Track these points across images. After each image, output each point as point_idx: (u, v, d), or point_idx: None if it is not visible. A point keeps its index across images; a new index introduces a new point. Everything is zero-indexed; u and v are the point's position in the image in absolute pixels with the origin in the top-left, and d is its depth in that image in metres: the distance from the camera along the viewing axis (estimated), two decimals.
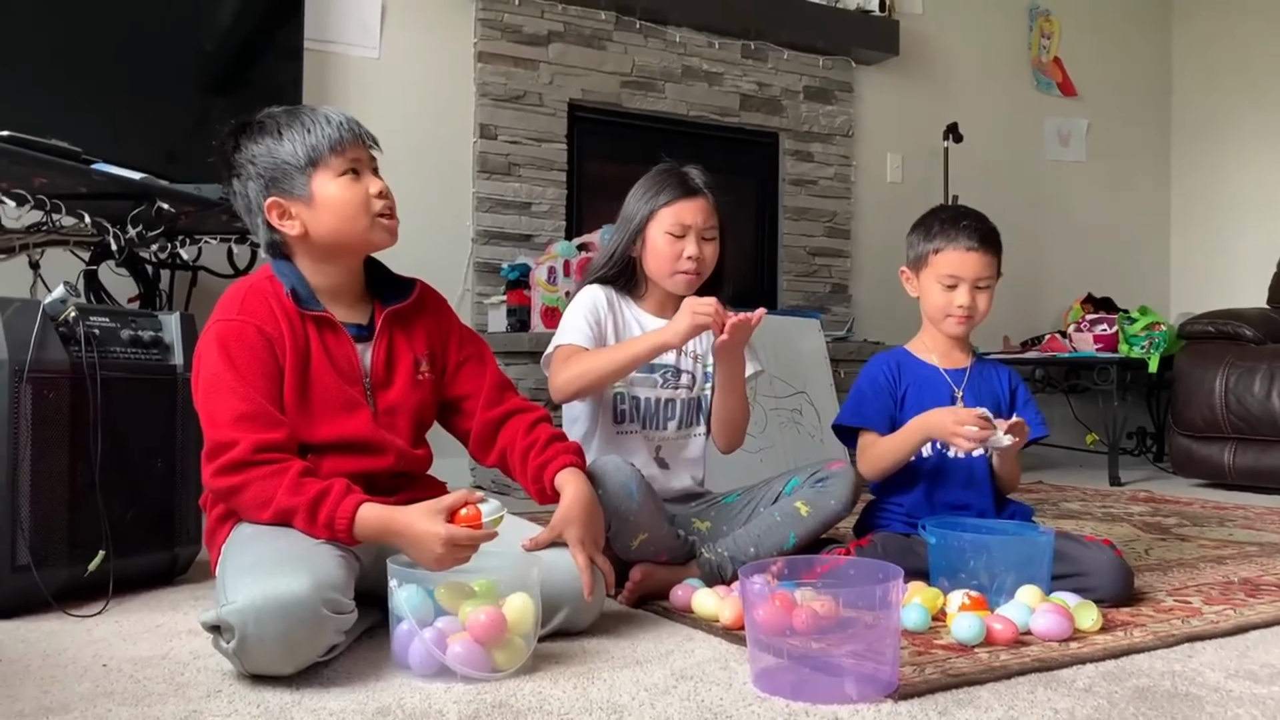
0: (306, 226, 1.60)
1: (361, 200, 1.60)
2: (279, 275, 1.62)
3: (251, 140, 1.61)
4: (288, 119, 1.60)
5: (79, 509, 1.74)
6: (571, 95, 3.89)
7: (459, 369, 1.74)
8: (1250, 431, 3.66)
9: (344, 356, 1.61)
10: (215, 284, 3.06)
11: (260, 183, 1.60)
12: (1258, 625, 1.68)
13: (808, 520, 1.90)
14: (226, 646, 1.31)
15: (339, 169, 1.59)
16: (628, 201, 2.06)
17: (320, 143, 1.58)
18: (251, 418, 1.48)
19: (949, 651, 1.50)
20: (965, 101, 4.77)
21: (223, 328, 1.55)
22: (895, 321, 4.44)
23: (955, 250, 1.98)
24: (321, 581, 1.33)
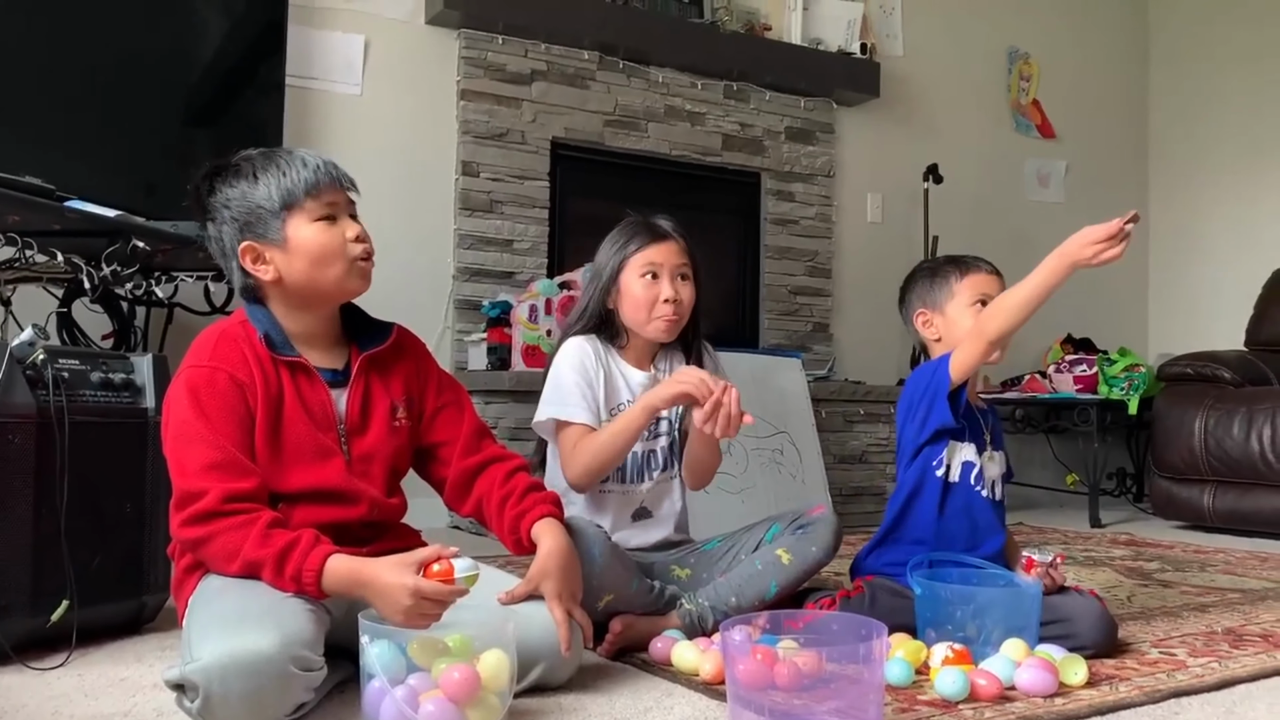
0: (280, 272, 1.57)
1: (337, 245, 1.57)
2: (252, 320, 1.58)
3: (226, 184, 1.58)
4: (263, 162, 1.57)
5: (43, 557, 1.69)
6: (554, 133, 3.89)
7: (436, 415, 1.71)
8: (1230, 474, 3.67)
9: (318, 402, 1.58)
10: (191, 321, 3.02)
11: (234, 226, 1.56)
12: (1243, 679, 1.67)
13: (789, 568, 1.88)
14: (190, 706, 1.27)
15: (314, 214, 1.56)
16: (598, 255, 2.05)
17: (295, 186, 1.55)
18: (221, 466, 1.44)
19: (933, 708, 1.48)
20: (945, 143, 4.80)
21: (193, 375, 1.52)
22: (876, 361, 4.45)
23: (981, 273, 2.01)
24: (290, 638, 1.29)
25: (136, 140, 2.85)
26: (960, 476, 1.95)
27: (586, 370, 1.97)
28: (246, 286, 1.61)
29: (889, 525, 2.00)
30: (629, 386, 2.02)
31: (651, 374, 2.06)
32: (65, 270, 2.30)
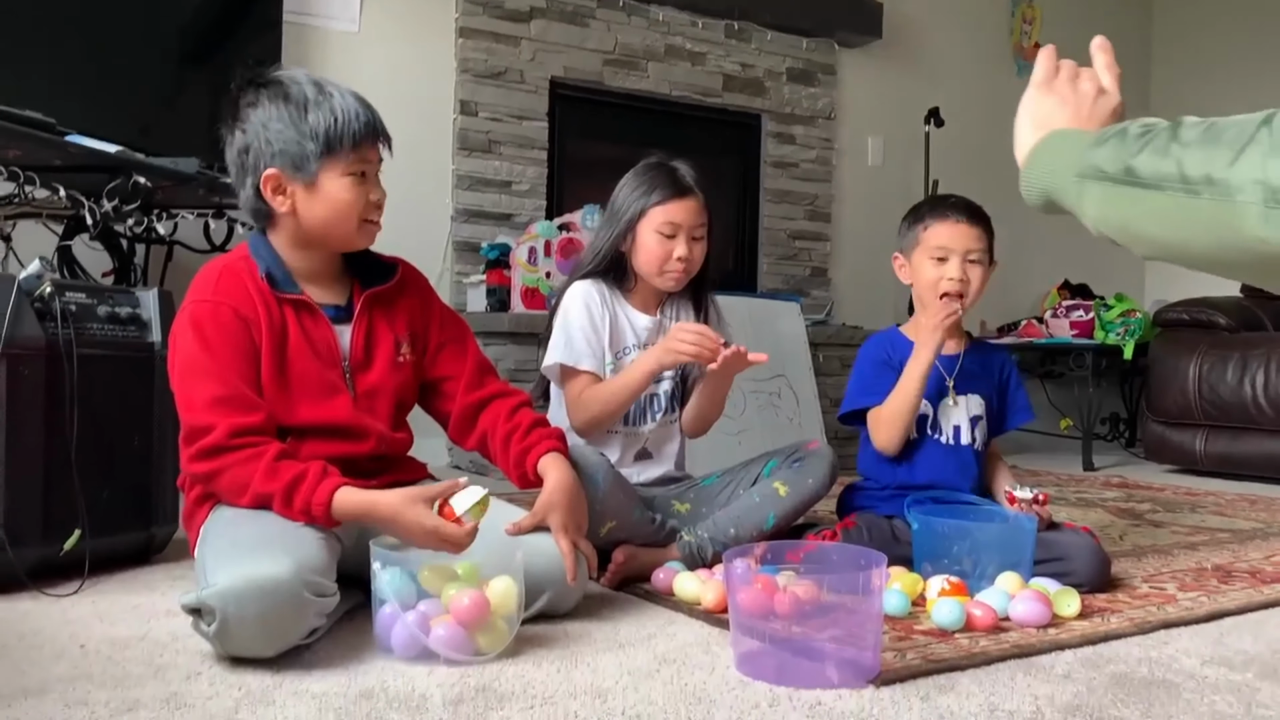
0: (298, 209, 1.56)
1: (360, 204, 1.57)
2: (255, 256, 1.59)
3: (273, 101, 1.54)
4: (316, 95, 1.53)
5: (54, 487, 1.72)
6: (553, 73, 3.85)
7: (440, 351, 1.72)
8: (1222, 419, 3.71)
9: (322, 339, 1.59)
10: (191, 259, 3.02)
11: (268, 149, 1.53)
12: (1231, 612, 1.70)
13: (786, 500, 1.91)
14: (206, 629, 1.30)
15: (350, 167, 1.55)
16: (617, 196, 2.04)
17: (344, 134, 1.53)
18: (227, 401, 1.46)
19: (929, 637, 1.51)
20: (947, 86, 4.77)
21: (197, 309, 1.52)
22: (874, 306, 4.46)
23: (945, 224, 1.99)
24: (303, 564, 1.32)
25: (131, 79, 2.82)
26: (916, 429, 2.00)
27: (593, 316, 1.98)
28: (257, 210, 1.60)
29: (865, 466, 2.09)
30: (634, 330, 2.04)
31: (658, 319, 2.07)
32: (66, 206, 2.30)
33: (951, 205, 2.02)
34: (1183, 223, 0.80)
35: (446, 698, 1.22)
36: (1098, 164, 0.88)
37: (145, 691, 1.22)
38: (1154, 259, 0.90)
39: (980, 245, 2.00)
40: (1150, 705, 1.25)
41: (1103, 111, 1.05)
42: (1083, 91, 1.06)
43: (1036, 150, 1.01)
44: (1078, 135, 0.96)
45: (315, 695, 1.21)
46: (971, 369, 2.07)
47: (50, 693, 1.21)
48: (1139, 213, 0.84)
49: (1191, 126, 0.81)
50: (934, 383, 2.02)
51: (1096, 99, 1.05)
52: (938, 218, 2.01)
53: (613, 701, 1.22)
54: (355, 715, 1.15)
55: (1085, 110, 1.04)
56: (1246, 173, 0.74)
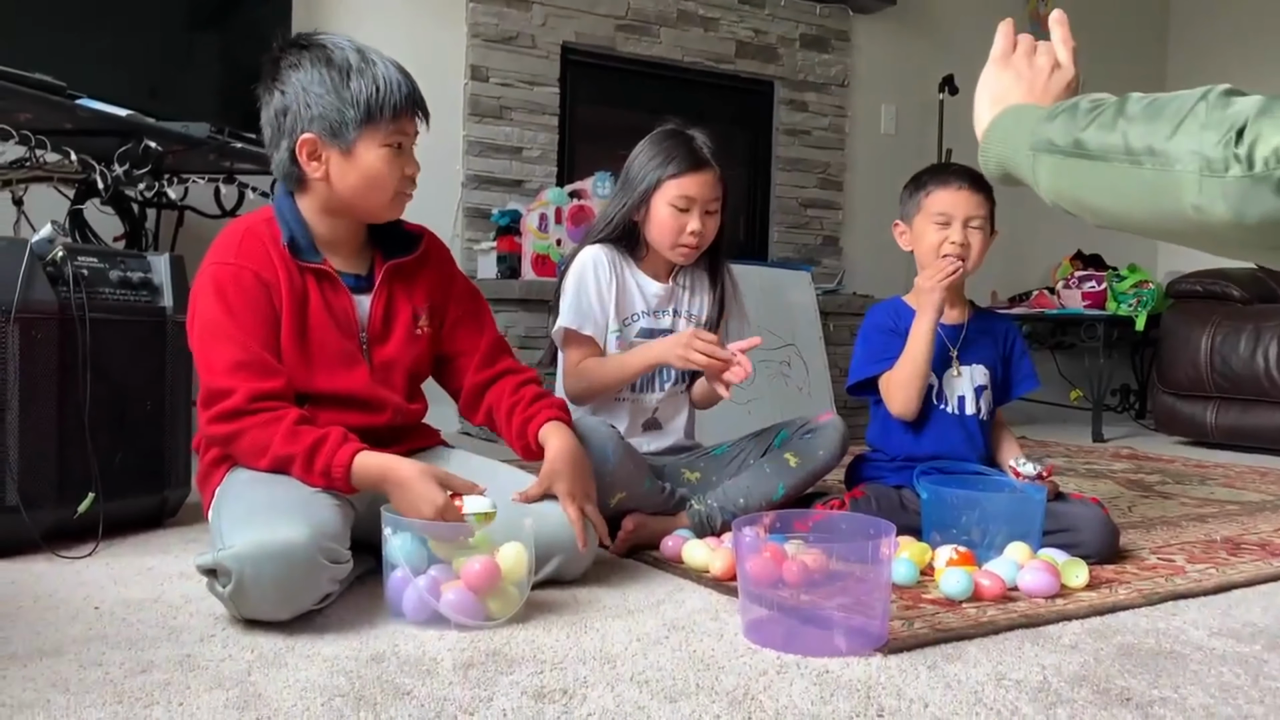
0: (331, 176, 1.55)
1: (394, 176, 1.56)
2: (279, 220, 1.58)
3: (315, 65, 1.52)
4: (359, 62, 1.52)
5: (67, 450, 1.73)
6: (565, 38, 3.82)
7: (456, 326, 1.72)
8: (1234, 391, 3.70)
9: (341, 309, 1.59)
10: (202, 224, 3.02)
11: (306, 113, 1.52)
12: (1240, 584, 1.71)
13: (796, 471, 1.92)
14: (221, 591, 1.31)
15: (388, 138, 1.53)
16: (632, 164, 2.01)
17: (385, 104, 1.51)
18: (247, 365, 1.46)
19: (937, 606, 1.52)
20: (962, 53, 4.70)
21: (219, 271, 1.52)
22: (885, 275, 4.44)
23: (946, 190, 1.98)
24: (319, 530, 1.33)
25: (141, 42, 2.81)
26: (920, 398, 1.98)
27: (600, 281, 1.98)
28: (289, 174, 1.58)
29: (874, 438, 2.08)
30: (644, 297, 2.03)
31: (670, 286, 2.06)
32: (77, 170, 2.30)
33: (954, 172, 2.01)
34: (1127, 192, 0.84)
35: (457, 662, 1.23)
36: (1049, 137, 0.92)
37: (159, 653, 1.23)
38: (1105, 227, 0.93)
39: (981, 212, 1.98)
40: (1158, 676, 1.25)
41: (1057, 86, 1.08)
42: (1038, 67, 1.09)
43: (993, 125, 1.05)
44: (1031, 110, 0.99)
45: (327, 658, 1.23)
46: (976, 338, 2.07)
47: (66, 653, 1.22)
48: (1088, 183, 0.88)
49: (1137, 101, 0.85)
50: (938, 353, 2.01)
51: (1051, 74, 1.09)
52: (939, 184, 2.00)
53: (621, 667, 1.23)
54: (366, 678, 1.16)
55: (1040, 85, 1.08)
56: (1184, 144, 0.78)
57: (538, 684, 1.16)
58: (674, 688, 1.16)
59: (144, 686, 1.12)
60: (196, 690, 1.11)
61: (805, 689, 1.17)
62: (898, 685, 1.19)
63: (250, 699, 1.09)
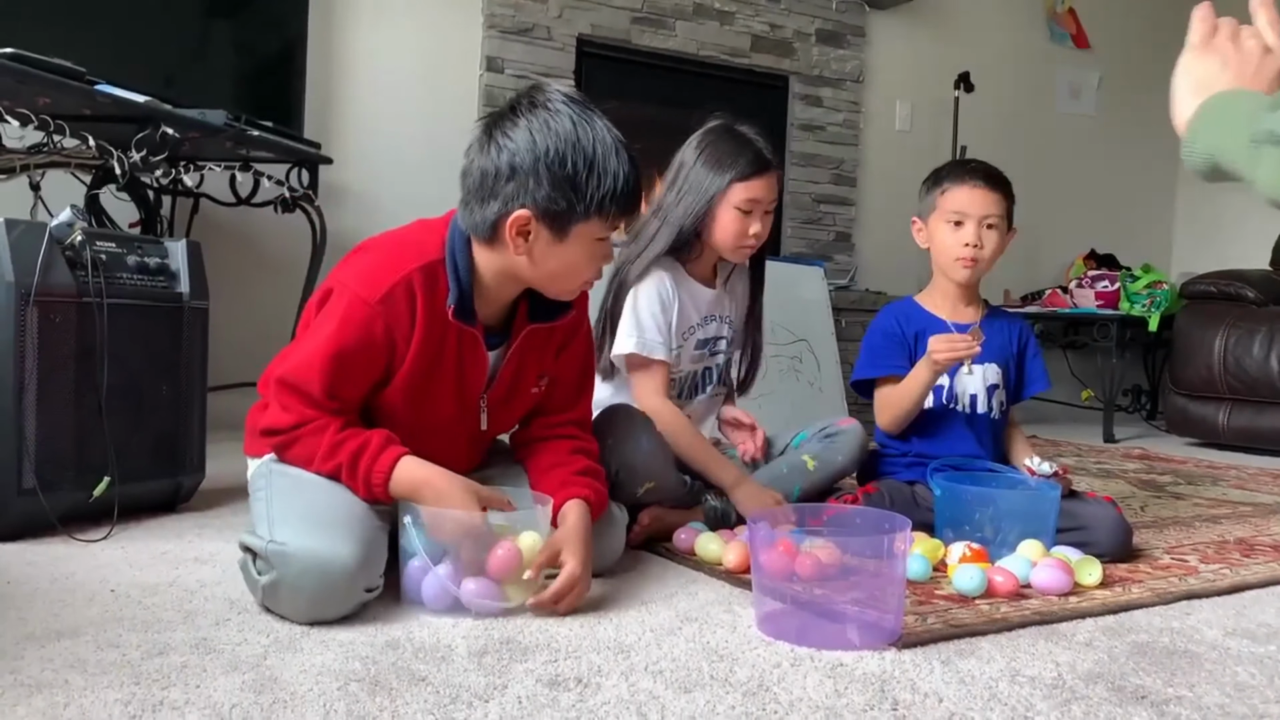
0: (531, 257, 1.42)
1: (588, 272, 1.48)
2: (451, 275, 1.44)
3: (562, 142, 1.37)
4: (604, 152, 1.38)
5: (84, 434, 1.74)
6: (580, 30, 3.82)
7: (557, 391, 1.65)
8: (1247, 392, 3.68)
9: (474, 366, 1.50)
10: (217, 211, 3.03)
11: (536, 190, 1.38)
12: (1254, 585, 1.70)
13: (814, 474, 1.92)
14: (257, 577, 1.32)
15: (598, 233, 1.43)
16: (690, 168, 1.93)
17: (614, 204, 1.40)
18: (315, 400, 1.40)
19: (950, 602, 1.52)
20: (977, 50, 4.70)
21: (355, 306, 1.40)
22: (898, 272, 4.43)
23: (962, 188, 1.97)
24: (368, 558, 1.32)
25: (159, 30, 2.82)
26: (933, 398, 1.99)
27: (665, 306, 1.92)
28: (485, 233, 1.44)
29: (881, 436, 2.08)
30: (696, 307, 1.99)
31: (718, 292, 2.03)
32: (94, 156, 2.30)
33: (970, 169, 2.00)
34: None
35: (471, 649, 1.23)
36: (1273, 128, 0.84)
37: (175, 635, 1.24)
38: None
39: (998, 210, 1.97)
40: (1173, 674, 1.25)
41: (1270, 71, 0.98)
42: (1247, 50, 0.99)
43: (1201, 114, 0.95)
44: (1248, 97, 0.91)
45: (342, 643, 1.23)
46: (989, 337, 2.04)
47: (83, 634, 1.23)
48: None
49: None
50: None
51: (1263, 58, 0.98)
52: (956, 181, 1.98)
53: (635, 657, 1.23)
54: (381, 664, 1.17)
55: (1250, 70, 0.98)
56: None
57: (552, 672, 1.17)
58: (688, 678, 1.17)
59: (160, 668, 1.13)
60: (213, 673, 1.12)
61: (819, 681, 1.17)
62: (912, 679, 1.19)
63: (266, 682, 1.10)
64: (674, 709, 1.07)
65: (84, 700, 1.03)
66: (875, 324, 2.10)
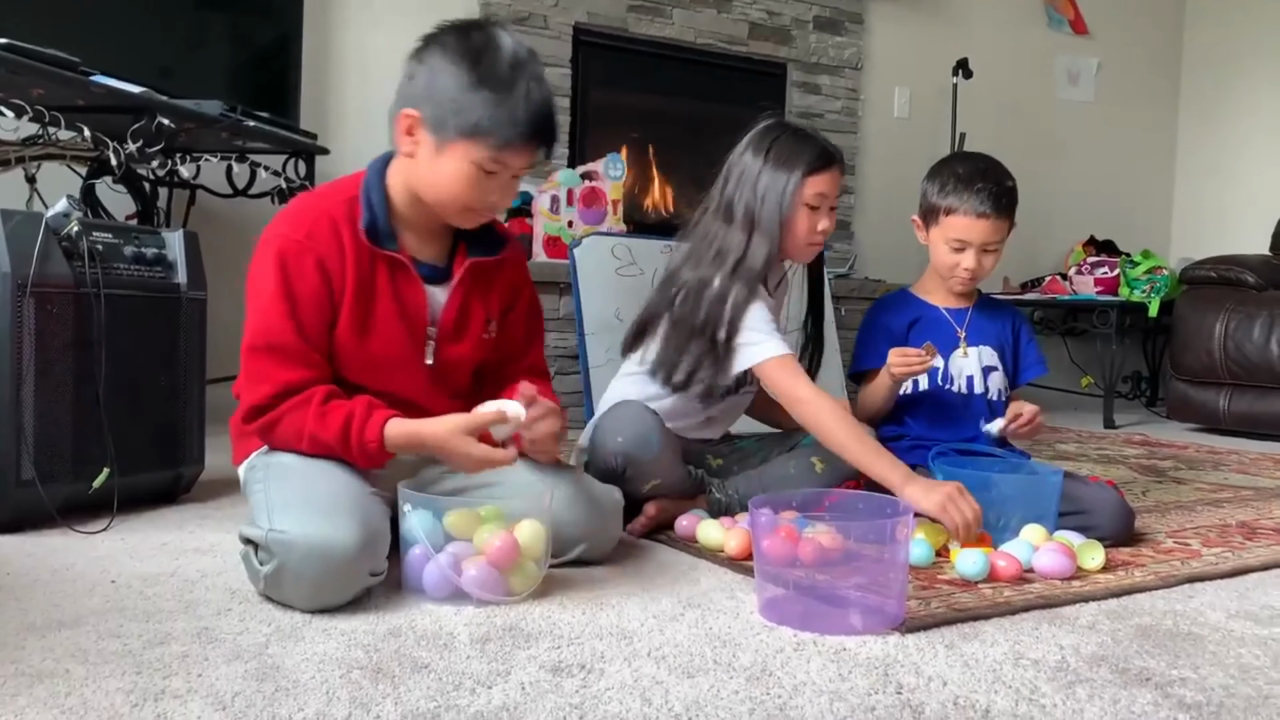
0: (417, 158, 1.47)
1: (469, 195, 1.47)
2: (364, 199, 1.50)
3: (462, 56, 1.42)
4: (493, 79, 1.40)
5: (83, 426, 1.73)
6: (577, 18, 3.80)
7: (509, 337, 1.66)
8: (1247, 378, 3.68)
9: (413, 301, 1.52)
10: (214, 203, 3.02)
11: (423, 92, 1.44)
12: (1256, 568, 1.70)
13: (821, 477, 1.89)
14: (258, 567, 1.31)
15: (482, 162, 1.43)
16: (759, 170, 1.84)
17: (494, 130, 1.40)
18: (287, 352, 1.42)
19: (953, 587, 1.51)
20: (976, 37, 4.68)
21: (285, 245, 1.45)
22: (898, 259, 4.42)
23: (966, 216, 1.93)
24: (370, 539, 1.32)
25: (153, 20, 2.80)
26: (928, 380, 2.00)
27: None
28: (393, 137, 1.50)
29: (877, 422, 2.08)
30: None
31: (775, 300, 1.98)
32: (89, 148, 2.29)
33: (977, 192, 1.92)
34: None
35: (474, 636, 1.23)
36: None
37: (177, 625, 1.23)
38: None
39: (999, 236, 1.95)
40: (1176, 656, 1.25)
41: None
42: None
43: None
44: None
45: (344, 632, 1.23)
46: (981, 323, 2.07)
47: (84, 625, 1.22)
48: None
49: None
50: (947, 335, 2.04)
51: None
52: (961, 205, 1.93)
53: (638, 643, 1.22)
54: (384, 652, 1.16)
55: None
56: None
57: (555, 658, 1.16)
58: (691, 664, 1.16)
59: (162, 658, 1.12)
60: (215, 662, 1.12)
61: (823, 666, 1.17)
62: (915, 663, 1.19)
63: (269, 671, 1.09)
64: (677, 694, 1.07)
65: (85, 690, 1.03)
66: (867, 315, 2.11)
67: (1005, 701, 1.08)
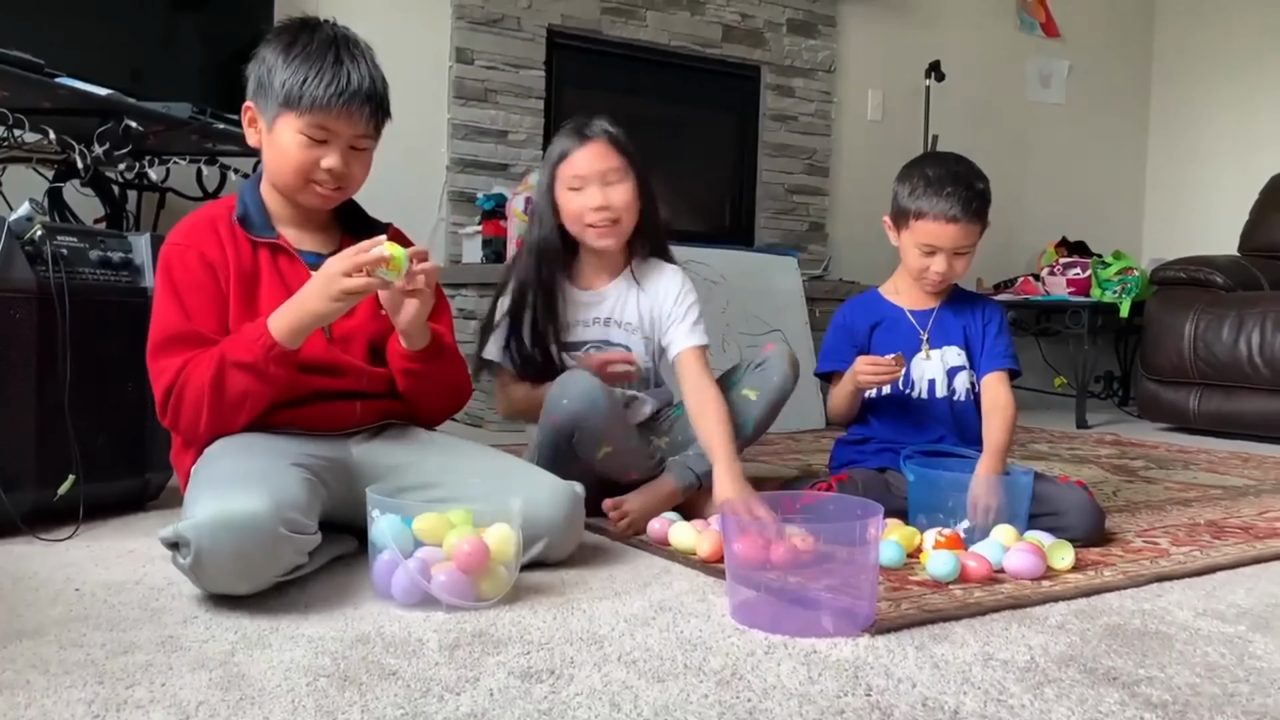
0: (262, 146, 1.60)
1: (303, 165, 1.56)
2: (239, 197, 1.63)
3: (281, 40, 1.56)
4: (307, 52, 1.54)
5: (47, 432, 1.71)
6: (551, 20, 3.80)
7: None
8: (1216, 377, 3.71)
9: (298, 281, 1.55)
10: (183, 206, 2.98)
11: (253, 82, 1.58)
12: (1224, 566, 1.71)
13: (757, 403, 1.96)
14: (183, 563, 1.30)
15: (303, 128, 1.54)
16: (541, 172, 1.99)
17: (302, 95, 1.52)
18: (180, 338, 1.50)
19: (924, 588, 1.52)
20: (948, 39, 4.71)
21: (168, 251, 1.57)
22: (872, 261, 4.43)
23: (936, 221, 1.92)
24: (280, 501, 1.32)
25: (123, 21, 2.78)
26: (890, 385, 2.00)
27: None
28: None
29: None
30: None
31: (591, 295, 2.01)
32: (56, 150, 2.27)
33: (946, 196, 1.90)
34: None
35: (443, 642, 1.22)
36: None
37: (141, 634, 1.22)
38: None
39: (970, 240, 1.94)
40: (1144, 656, 1.25)
41: None
42: None
43: None
44: None
45: (311, 639, 1.22)
46: (946, 322, 2.05)
47: (46, 634, 1.21)
48: None
49: None
50: (909, 338, 2.04)
51: None
52: (930, 209, 1.91)
53: (609, 647, 1.22)
54: (351, 659, 1.15)
55: None
56: None
57: (525, 664, 1.16)
58: (661, 668, 1.16)
59: (125, 667, 1.11)
60: (179, 670, 1.10)
61: (793, 669, 1.17)
62: (885, 665, 1.19)
63: (234, 679, 1.08)
64: (647, 699, 1.07)
65: (45, 701, 1.01)
66: (837, 317, 2.12)
67: (974, 703, 1.09)
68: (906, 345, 2.02)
